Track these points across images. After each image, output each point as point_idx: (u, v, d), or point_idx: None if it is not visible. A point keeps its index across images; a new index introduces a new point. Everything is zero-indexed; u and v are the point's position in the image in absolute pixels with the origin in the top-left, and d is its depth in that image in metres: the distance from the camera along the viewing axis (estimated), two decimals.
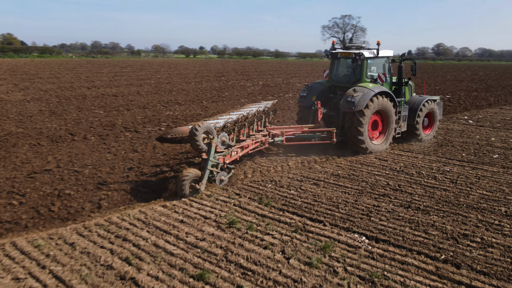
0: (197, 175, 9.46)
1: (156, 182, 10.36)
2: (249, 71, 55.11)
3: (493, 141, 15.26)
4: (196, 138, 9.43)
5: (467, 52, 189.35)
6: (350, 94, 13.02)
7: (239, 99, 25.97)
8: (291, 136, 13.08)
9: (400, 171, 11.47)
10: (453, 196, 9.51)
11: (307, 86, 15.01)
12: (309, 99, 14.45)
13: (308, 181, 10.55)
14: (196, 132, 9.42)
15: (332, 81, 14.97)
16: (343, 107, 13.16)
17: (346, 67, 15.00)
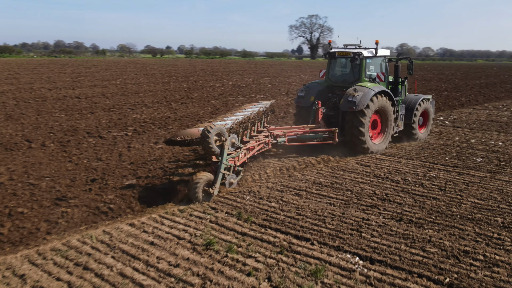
0: (210, 178, 9.11)
1: (122, 196, 9.35)
2: (217, 71, 54.09)
3: (473, 143, 14.87)
4: (209, 140, 9.21)
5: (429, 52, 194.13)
6: (351, 94, 12.87)
7: (209, 100, 25.01)
8: (293, 136, 12.71)
9: (384, 177, 10.82)
10: (445, 205, 8.90)
11: (305, 86, 14.70)
12: (307, 99, 14.20)
13: (289, 191, 9.75)
14: (208, 134, 9.19)
15: (330, 80, 14.81)
16: (344, 107, 12.98)
17: (344, 66, 14.94)
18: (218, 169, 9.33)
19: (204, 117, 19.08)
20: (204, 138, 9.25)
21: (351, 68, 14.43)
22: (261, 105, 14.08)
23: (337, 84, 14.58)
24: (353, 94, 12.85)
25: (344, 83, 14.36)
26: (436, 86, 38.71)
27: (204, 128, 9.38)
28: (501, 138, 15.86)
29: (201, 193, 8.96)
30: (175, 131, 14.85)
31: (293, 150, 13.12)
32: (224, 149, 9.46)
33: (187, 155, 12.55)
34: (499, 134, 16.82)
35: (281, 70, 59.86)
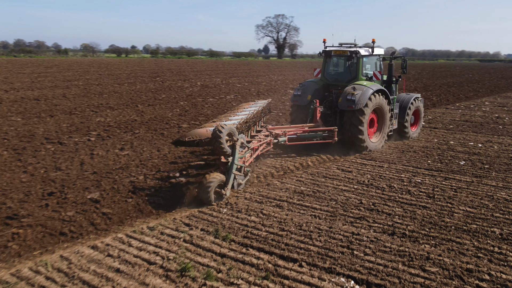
0: (222, 180, 8.95)
1: (84, 212, 8.34)
2: (185, 71, 52.84)
3: (453, 145, 14.46)
4: (220, 140, 8.98)
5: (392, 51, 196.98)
6: (350, 93, 12.90)
7: (177, 101, 23.97)
8: (293, 136, 12.49)
9: (369, 184, 10.17)
10: (436, 215, 8.29)
11: (301, 85, 14.51)
12: (304, 98, 14.01)
13: (269, 202, 8.96)
14: (220, 134, 8.97)
15: (326, 79, 14.70)
16: (343, 106, 13.00)
17: (341, 65, 14.93)
18: (230, 170, 9.21)
19: (172, 119, 18.09)
20: (216, 138, 9.01)
21: (348, 66, 14.40)
22: (259, 105, 13.76)
23: (333, 83, 14.49)
24: (352, 92, 12.84)
25: (340, 82, 14.30)
26: (406, 86, 38.73)
27: (215, 128, 9.15)
28: (479, 139, 15.53)
29: (213, 195, 8.77)
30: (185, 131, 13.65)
31: (271, 154, 12.37)
32: (235, 149, 9.34)
33: (155, 162, 11.59)
34: (476, 134, 16.52)
35: (250, 70, 59.10)
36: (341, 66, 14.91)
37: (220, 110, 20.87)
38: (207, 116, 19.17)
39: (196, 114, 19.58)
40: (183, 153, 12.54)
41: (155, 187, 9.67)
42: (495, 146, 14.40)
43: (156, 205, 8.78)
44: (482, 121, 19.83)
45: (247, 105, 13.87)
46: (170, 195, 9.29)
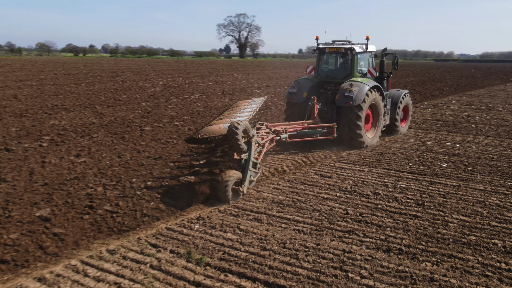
0: (239, 177, 8.81)
1: (31, 233, 7.13)
2: (146, 70, 51.11)
3: (431, 146, 13.91)
4: (237, 137, 8.93)
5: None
6: (347, 89, 13.02)
7: (139, 102, 22.64)
8: (293, 132, 12.38)
9: (352, 191, 9.37)
10: (430, 226, 7.56)
11: (296, 82, 14.49)
12: (300, 95, 14.03)
13: (245, 215, 8.01)
14: (236, 130, 8.91)
15: (320, 76, 14.80)
16: (340, 102, 13.10)
17: (335, 62, 14.97)
18: (247, 167, 9.14)
19: (134, 121, 16.84)
20: (232, 134, 8.94)
21: (342, 63, 14.56)
22: (258, 102, 13.43)
23: (328, 80, 14.56)
24: (349, 89, 12.96)
25: (335, 79, 14.42)
26: None
27: (231, 124, 9.06)
28: (456, 139, 15.07)
29: (231, 193, 8.59)
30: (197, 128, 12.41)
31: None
32: (251, 145, 9.33)
33: (116, 170, 10.42)
34: (451, 134, 16.08)
35: (213, 69, 57.89)
36: (335, 63, 14.96)
37: (185, 111, 19.75)
38: (171, 117, 18.02)
39: (159, 116, 18.39)
40: (146, 160, 11.41)
41: (116, 200, 8.54)
42: (473, 146, 13.93)
43: (117, 222, 7.65)
44: (453, 120, 19.51)
45: (244, 103, 13.31)
46: (134, 210, 8.18)
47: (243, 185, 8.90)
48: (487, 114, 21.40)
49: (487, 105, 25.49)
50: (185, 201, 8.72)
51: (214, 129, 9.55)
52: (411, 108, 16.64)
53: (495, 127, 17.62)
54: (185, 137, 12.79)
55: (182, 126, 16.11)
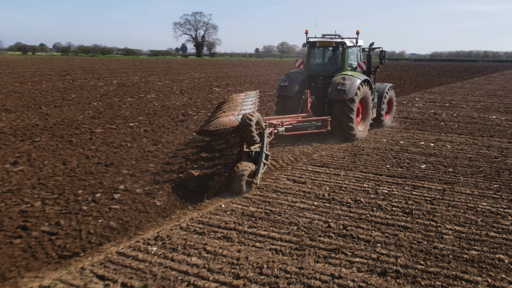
0: (252, 169, 8.73)
1: None
2: (99, 69, 48.78)
3: (405, 146, 13.15)
4: (251, 128, 8.85)
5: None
6: (340, 82, 13.09)
7: (90, 102, 20.93)
8: (289, 126, 12.20)
9: (330, 199, 8.37)
10: (424, 239, 6.63)
11: (287, 76, 14.51)
12: (291, 88, 14.07)
13: (212, 232, 6.83)
14: (250, 122, 8.83)
15: (310, 70, 14.85)
16: (333, 96, 13.17)
17: (326, 56, 15.15)
18: (260, 159, 9.11)
19: (84, 123, 15.27)
20: (246, 126, 8.84)
21: (333, 57, 14.76)
22: (252, 95, 13.24)
23: (318, 73, 14.65)
24: (342, 82, 13.03)
25: (325, 72, 14.54)
26: None
27: (244, 116, 8.98)
28: (428, 138, 14.41)
29: (246, 185, 8.57)
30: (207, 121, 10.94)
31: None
32: (264, 137, 9.35)
33: (59, 180, 8.97)
34: (422, 132, 15.43)
35: (169, 68, 56.08)
36: (326, 56, 15.15)
37: (141, 111, 18.29)
38: (126, 118, 16.55)
39: (112, 116, 16.87)
40: (96, 167, 10.01)
41: (57, 217, 7.16)
42: (447, 145, 13.27)
43: (56, 247, 6.31)
44: (421, 117, 18.97)
45: (238, 96, 12.90)
46: (78, 229, 6.84)
47: (256, 177, 8.83)
48: (452, 111, 21.05)
49: (450, 102, 25.30)
50: (142, 216, 7.46)
51: (224, 121, 9.21)
52: (394, 101, 17.18)
53: (464, 125, 17.15)
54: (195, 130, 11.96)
55: (137, 128, 14.71)
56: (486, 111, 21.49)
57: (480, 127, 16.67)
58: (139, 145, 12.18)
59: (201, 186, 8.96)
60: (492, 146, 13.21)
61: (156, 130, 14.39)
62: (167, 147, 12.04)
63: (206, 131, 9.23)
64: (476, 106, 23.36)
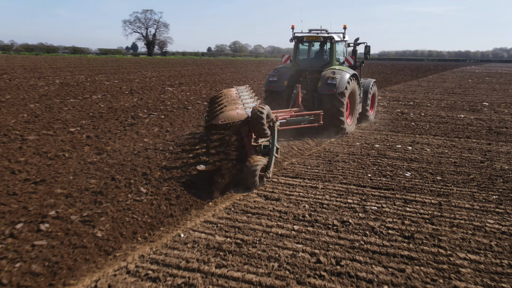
0: (264, 163, 8.47)
1: None
2: (41, 67, 45.47)
3: (382, 150, 11.95)
4: (262, 121, 8.60)
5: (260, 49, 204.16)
6: (330, 77, 13.06)
7: (26, 104, 18.58)
8: (283, 120, 11.61)
9: (312, 221, 6.92)
10: (439, 276, 5.30)
11: (275, 71, 14.37)
12: (280, 83, 13.99)
13: (170, 276, 5.21)
14: (261, 115, 8.59)
15: (298, 65, 14.75)
16: (323, 90, 13.10)
17: (313, 50, 15.16)
18: (271, 152, 9.04)
19: (15, 128, 13.15)
20: (257, 119, 8.62)
21: (321, 52, 14.85)
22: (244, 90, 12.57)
23: (306, 68, 14.56)
24: (332, 77, 13.00)
25: (313, 67, 14.47)
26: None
27: (255, 109, 8.74)
28: (404, 140, 13.29)
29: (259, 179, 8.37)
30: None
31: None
32: (275, 131, 9.18)
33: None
34: (396, 134, 14.33)
35: (119, 67, 53.30)
36: (313, 51, 15.12)
37: (84, 114, 16.26)
38: (66, 122, 14.51)
39: (50, 120, 14.79)
40: (22, 185, 8.11)
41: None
42: (426, 149, 12.17)
43: None
44: (390, 117, 17.98)
45: (230, 92, 11.91)
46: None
47: (269, 171, 8.75)
48: (419, 110, 20.21)
49: (413, 100, 24.60)
50: (77, 254, 5.73)
51: (232, 115, 8.91)
52: (377, 96, 17.40)
53: (435, 125, 16.22)
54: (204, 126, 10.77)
55: (78, 133, 12.77)
56: (452, 109, 20.81)
57: (452, 127, 15.78)
58: (80, 155, 10.33)
59: (155, 209, 7.30)
60: (473, 149, 12.22)
61: (100, 136, 12.51)
62: (113, 156, 10.26)
63: (214, 125, 8.84)
64: (440, 105, 22.71)
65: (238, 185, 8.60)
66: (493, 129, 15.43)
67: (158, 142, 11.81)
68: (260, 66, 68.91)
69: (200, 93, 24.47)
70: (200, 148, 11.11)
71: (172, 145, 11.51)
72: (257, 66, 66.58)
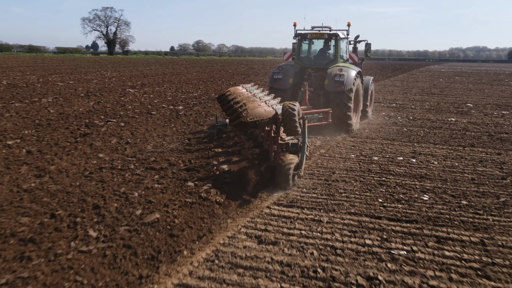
0: (297, 161, 8.26)
1: None
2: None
3: (383, 164, 10.18)
4: (295, 118, 8.12)
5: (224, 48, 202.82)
6: (337, 74, 12.94)
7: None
8: None
9: (328, 279, 5.02)
10: None
11: (280, 68, 14.12)
12: (285, 81, 13.77)
13: None
14: (293, 112, 8.12)
15: (301, 62, 14.60)
16: (331, 87, 12.94)
17: (317, 48, 15.09)
18: (303, 150, 8.69)
19: None
20: (290, 116, 8.10)
21: (325, 49, 14.71)
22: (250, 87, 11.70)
23: (310, 66, 14.44)
24: (340, 74, 12.87)
25: (318, 65, 14.40)
26: (265, 81, 34.98)
27: (286, 106, 8.25)
28: (403, 150, 11.60)
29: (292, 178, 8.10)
30: None
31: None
32: (305, 128, 8.73)
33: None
34: (391, 142, 12.63)
35: (76, 66, 50.10)
36: (317, 48, 15.04)
37: (29, 121, 13.84)
38: (4, 132, 12.08)
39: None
40: None
41: None
42: (433, 161, 10.49)
43: None
44: (378, 122, 16.33)
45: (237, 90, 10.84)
46: None
47: (301, 169, 8.55)
48: (406, 113, 18.67)
49: (395, 102, 23.14)
50: None
51: (260, 112, 8.42)
52: (373, 94, 17.52)
53: (429, 130, 14.65)
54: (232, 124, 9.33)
55: (17, 147, 10.46)
56: (439, 112, 19.37)
57: (449, 133, 14.23)
58: (13, 178, 8.10)
59: (109, 265, 5.22)
60: (485, 161, 10.63)
61: (45, 151, 10.24)
62: (57, 180, 8.08)
63: (243, 123, 8.28)
64: (424, 107, 21.29)
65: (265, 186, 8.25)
66: (493, 135, 13.97)
67: (116, 159, 9.67)
68: (225, 65, 66.88)
69: (165, 95, 22.24)
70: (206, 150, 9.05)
71: (133, 162, 9.41)
72: (223, 66, 64.51)
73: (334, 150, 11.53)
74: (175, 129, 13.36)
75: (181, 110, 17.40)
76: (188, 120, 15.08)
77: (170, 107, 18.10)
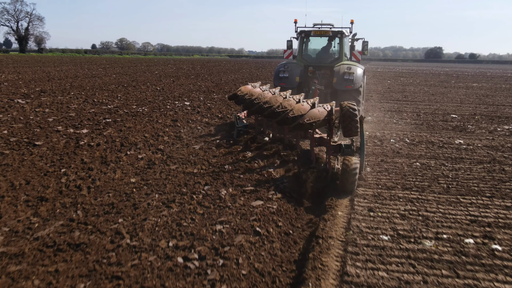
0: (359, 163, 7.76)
1: None
2: None
3: (444, 252, 5.39)
4: (356, 119, 7.87)
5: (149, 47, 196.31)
6: (347, 72, 12.79)
7: None
8: None
9: None
10: None
11: (285, 66, 13.64)
12: (292, 79, 13.46)
13: None
14: (355, 112, 7.87)
15: (305, 60, 14.40)
16: (340, 86, 12.82)
17: (320, 45, 14.96)
18: (362, 152, 8.28)
19: None
20: (351, 117, 7.84)
21: (329, 47, 14.67)
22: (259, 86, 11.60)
23: (313, 64, 14.29)
24: (349, 72, 12.73)
25: (321, 63, 14.30)
26: (198, 86, 29.50)
27: (346, 106, 7.94)
28: (458, 217, 6.90)
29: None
30: None
31: None
32: (362, 128, 8.26)
33: None
34: (424, 195, 7.85)
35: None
36: (321, 46, 14.94)
37: None
38: None
39: None
40: None
41: None
42: (495, 246, 5.85)
43: None
44: (373, 149, 11.62)
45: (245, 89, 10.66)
46: None
47: (363, 172, 8.25)
48: (395, 133, 14.06)
49: (372, 116, 18.64)
50: None
51: (315, 114, 8.05)
52: None
53: (454, 165, 10.11)
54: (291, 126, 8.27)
55: None
56: (431, 129, 14.98)
57: (482, 169, 9.74)
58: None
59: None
60: None
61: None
62: None
63: (301, 124, 7.88)
64: (406, 120, 16.89)
65: None
66: None
67: None
68: (151, 65, 60.37)
69: (67, 110, 16.25)
70: None
71: None
72: (147, 66, 57.94)
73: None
74: (64, 180, 7.85)
75: (84, 136, 11.78)
76: (92, 155, 9.61)
77: (69, 130, 12.40)
